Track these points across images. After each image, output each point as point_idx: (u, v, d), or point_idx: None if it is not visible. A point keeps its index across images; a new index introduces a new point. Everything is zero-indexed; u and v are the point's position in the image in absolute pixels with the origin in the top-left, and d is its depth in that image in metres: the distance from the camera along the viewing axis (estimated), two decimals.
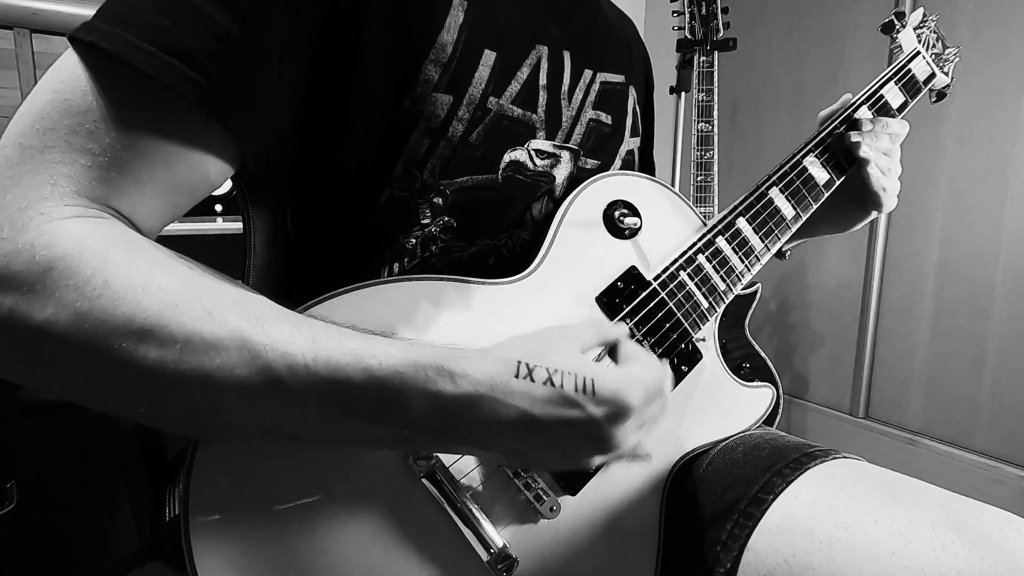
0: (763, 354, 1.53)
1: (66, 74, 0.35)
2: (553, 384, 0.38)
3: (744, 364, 1.51)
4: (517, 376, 0.38)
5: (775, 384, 1.51)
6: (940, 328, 1.71)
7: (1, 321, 0.32)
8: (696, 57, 1.48)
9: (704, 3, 1.48)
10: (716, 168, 1.49)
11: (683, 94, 1.66)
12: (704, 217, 0.61)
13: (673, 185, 1.88)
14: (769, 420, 0.64)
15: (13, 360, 0.34)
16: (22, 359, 0.33)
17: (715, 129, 1.48)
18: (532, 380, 0.38)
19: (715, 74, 1.48)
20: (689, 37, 1.50)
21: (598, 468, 0.50)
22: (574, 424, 0.39)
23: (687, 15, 1.50)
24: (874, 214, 0.69)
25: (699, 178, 1.49)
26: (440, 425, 0.37)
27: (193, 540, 0.37)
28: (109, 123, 0.35)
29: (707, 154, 1.48)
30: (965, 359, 1.66)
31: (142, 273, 0.33)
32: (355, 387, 0.35)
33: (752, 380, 0.63)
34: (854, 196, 0.68)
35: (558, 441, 0.40)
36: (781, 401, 1.84)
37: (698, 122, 1.47)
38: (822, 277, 2.00)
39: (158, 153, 0.37)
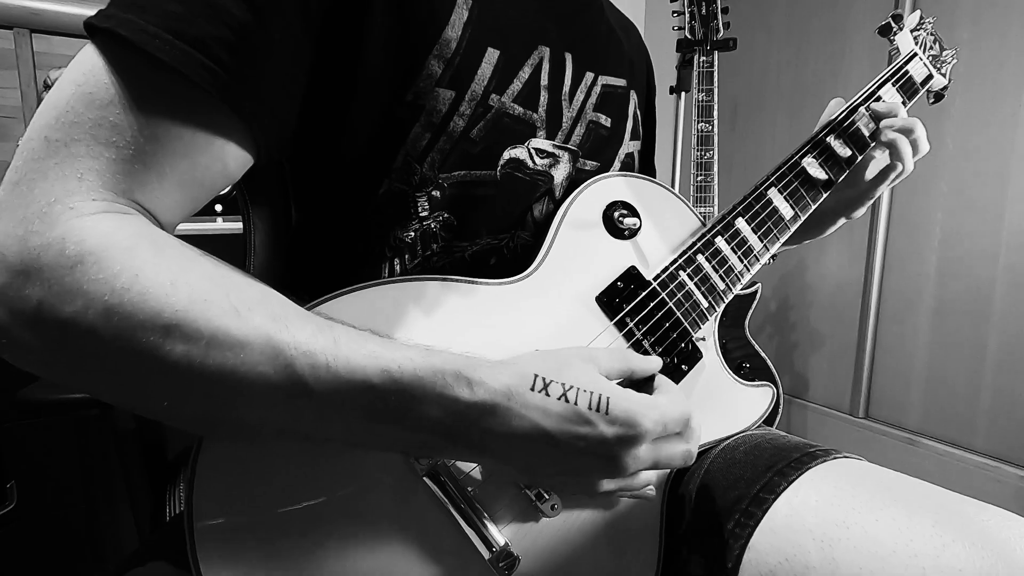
0: (763, 354, 1.53)
1: (88, 67, 0.36)
2: (568, 400, 0.39)
3: (744, 364, 1.51)
4: (533, 389, 0.39)
5: (775, 384, 1.51)
6: (940, 328, 1.72)
7: (30, 313, 0.32)
8: (696, 57, 1.48)
9: (704, 3, 1.48)
10: (716, 168, 1.49)
11: (683, 94, 1.66)
12: (704, 218, 0.61)
13: (673, 185, 1.88)
14: (769, 420, 0.64)
15: (39, 353, 0.34)
16: (48, 352, 0.34)
17: (715, 129, 1.48)
18: (547, 394, 0.39)
19: (715, 74, 1.48)
20: (689, 37, 1.50)
21: (604, 495, 0.49)
22: (585, 441, 0.39)
23: (687, 15, 1.50)
24: (841, 221, 0.71)
25: (699, 178, 1.49)
26: (454, 431, 0.38)
27: (197, 538, 0.37)
28: (131, 115, 0.35)
29: (707, 154, 1.48)
30: (965, 359, 1.66)
31: (171, 269, 0.34)
32: (374, 389, 0.36)
33: (752, 379, 0.63)
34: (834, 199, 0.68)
35: (568, 457, 0.40)
36: (781, 401, 1.84)
37: (698, 122, 1.47)
38: (822, 277, 2.00)
39: (179, 144, 0.37)
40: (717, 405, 0.60)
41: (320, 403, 0.35)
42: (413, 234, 0.49)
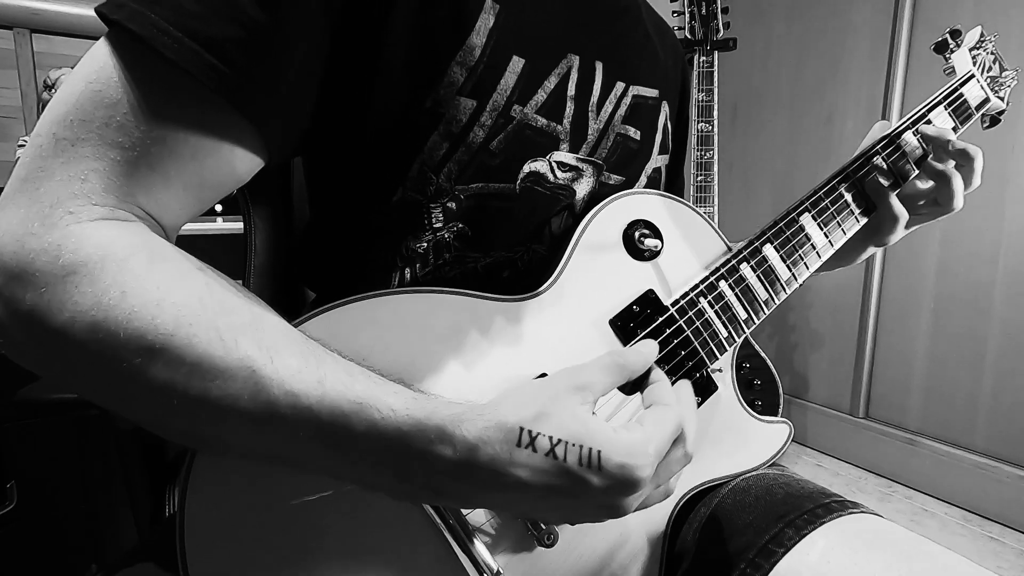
0: (763, 354, 1.53)
1: (99, 63, 0.35)
2: (556, 457, 0.36)
3: (744, 364, 1.51)
4: (519, 445, 0.36)
5: (776, 385, 1.51)
6: (940, 328, 1.72)
7: (22, 316, 0.32)
8: (696, 57, 1.48)
9: (704, 3, 1.48)
10: (716, 168, 1.49)
11: None
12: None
13: None
14: None
15: (31, 352, 0.34)
16: (39, 354, 0.34)
17: (715, 129, 1.48)
18: (534, 450, 0.36)
19: (715, 74, 1.48)
20: (689, 37, 1.50)
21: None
22: (577, 496, 0.37)
23: (687, 15, 1.50)
24: (871, 250, 0.67)
25: (699, 178, 1.49)
26: (439, 486, 0.36)
27: (187, 543, 0.37)
28: (139, 115, 0.34)
29: (707, 154, 1.48)
30: (965, 359, 1.66)
31: (160, 287, 0.33)
32: (357, 437, 0.34)
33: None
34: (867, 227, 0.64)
35: (563, 508, 0.38)
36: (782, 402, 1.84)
37: (698, 122, 1.47)
38: (822, 277, 2.00)
39: (186, 147, 0.36)
40: (730, 440, 0.57)
41: (302, 441, 0.34)
42: (426, 245, 0.48)
